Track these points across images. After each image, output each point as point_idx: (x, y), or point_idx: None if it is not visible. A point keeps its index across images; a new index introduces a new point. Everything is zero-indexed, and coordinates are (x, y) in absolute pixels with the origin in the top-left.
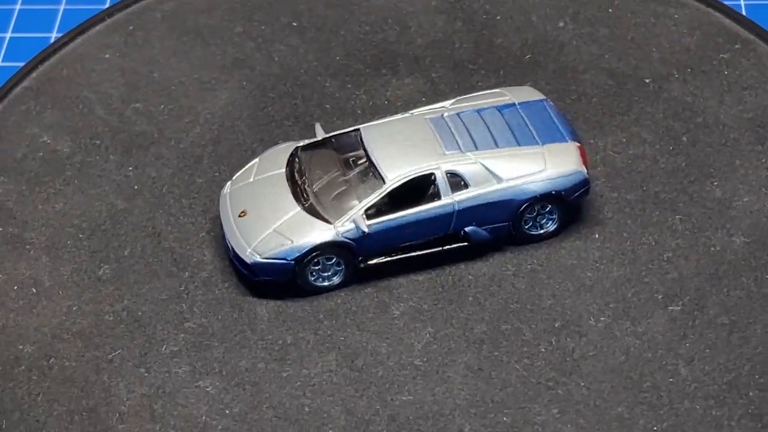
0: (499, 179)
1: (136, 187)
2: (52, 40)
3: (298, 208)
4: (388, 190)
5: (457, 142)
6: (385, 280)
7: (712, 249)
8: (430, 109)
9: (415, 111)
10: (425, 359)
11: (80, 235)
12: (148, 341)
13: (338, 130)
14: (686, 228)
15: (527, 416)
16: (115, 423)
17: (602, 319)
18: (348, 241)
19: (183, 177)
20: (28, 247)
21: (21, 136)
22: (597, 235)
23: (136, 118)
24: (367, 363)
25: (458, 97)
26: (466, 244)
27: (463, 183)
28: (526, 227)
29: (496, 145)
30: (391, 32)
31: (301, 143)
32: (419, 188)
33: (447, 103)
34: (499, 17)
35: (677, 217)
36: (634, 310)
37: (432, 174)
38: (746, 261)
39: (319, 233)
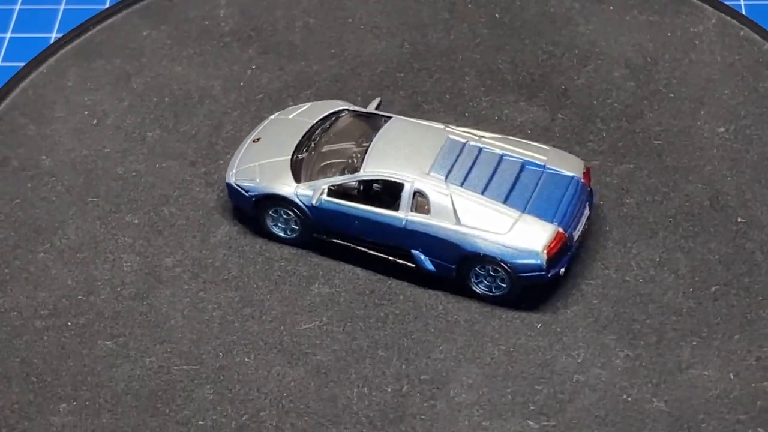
0: (457, 221)
1: None
2: (52, 40)
3: (288, 157)
4: (357, 179)
5: (449, 170)
6: (331, 261)
7: None
8: (470, 132)
9: (455, 127)
10: (294, 338)
11: None
12: None
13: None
14: None
15: None
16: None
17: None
18: (301, 204)
19: None
20: None
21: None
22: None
23: None
24: (249, 315)
25: (507, 137)
26: (411, 265)
27: (426, 207)
28: (474, 280)
29: (482, 192)
30: (558, 61)
31: (352, 107)
32: (387, 192)
33: (489, 135)
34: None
35: None
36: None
37: (403, 185)
38: None
39: (281, 185)
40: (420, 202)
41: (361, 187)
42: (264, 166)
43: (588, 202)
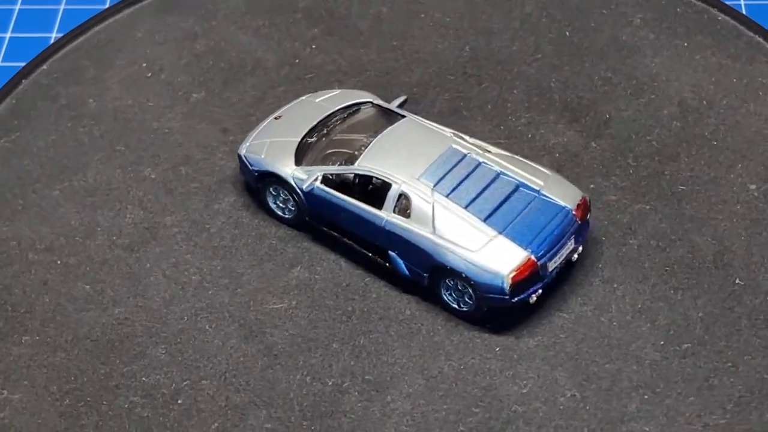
0: (433, 230)
1: None
2: (52, 41)
3: (297, 140)
4: (350, 171)
5: (439, 178)
6: (319, 248)
7: None
8: (478, 145)
9: (467, 137)
10: (258, 316)
11: None
12: None
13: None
14: None
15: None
16: None
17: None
18: (295, 186)
19: None
20: None
21: None
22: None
23: None
24: (225, 285)
25: (514, 156)
26: (387, 265)
27: (408, 211)
28: (444, 292)
29: (466, 206)
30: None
31: (376, 101)
32: (377, 190)
33: (496, 151)
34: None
35: None
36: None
37: (391, 185)
38: None
39: (281, 165)
40: (404, 205)
41: (357, 181)
42: (274, 143)
43: (576, 235)
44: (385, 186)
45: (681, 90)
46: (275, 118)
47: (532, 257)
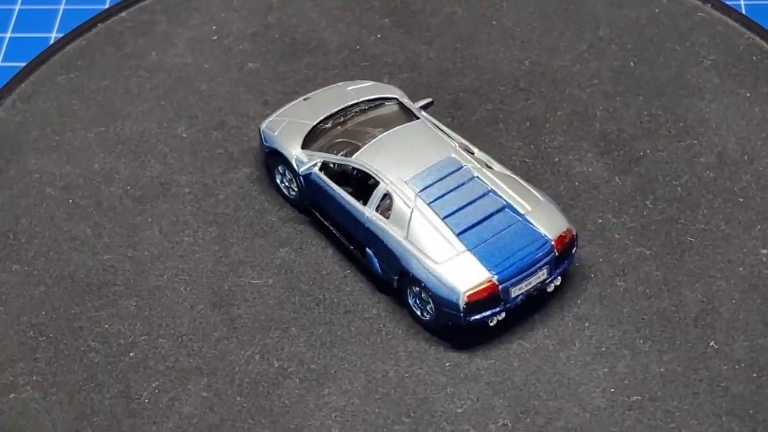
0: (406, 234)
1: None
2: (52, 41)
3: (312, 123)
4: (344, 162)
5: (427, 185)
6: (313, 232)
7: None
8: (481, 159)
9: (475, 149)
10: (233, 287)
11: None
12: None
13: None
14: None
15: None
16: None
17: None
18: (295, 168)
19: None
20: None
21: None
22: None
23: None
24: (212, 252)
25: (513, 176)
26: (363, 260)
27: (389, 212)
28: (410, 298)
29: (444, 217)
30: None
31: (402, 99)
32: (367, 185)
33: (498, 167)
34: None
35: None
36: None
37: (379, 183)
38: None
39: (288, 146)
40: (386, 205)
41: (355, 174)
42: (291, 123)
43: (552, 267)
44: (376, 183)
45: (726, 140)
46: (304, 99)
47: (494, 280)
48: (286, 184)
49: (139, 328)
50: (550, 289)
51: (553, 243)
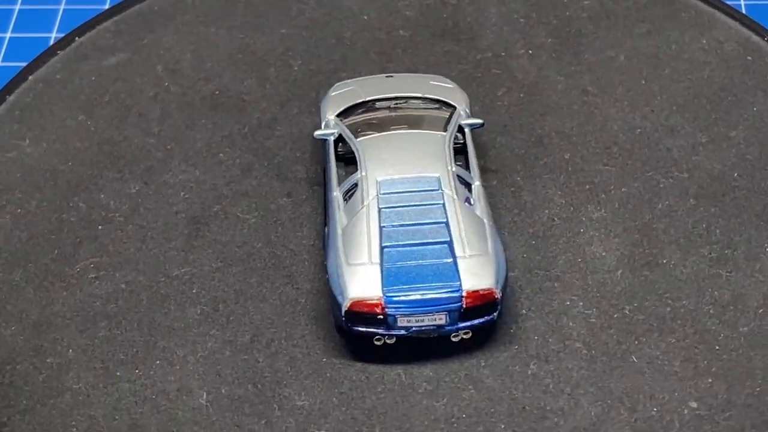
0: (343, 226)
1: None
2: (52, 41)
3: (363, 99)
4: (350, 143)
5: (394, 192)
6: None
7: None
8: (479, 196)
9: (476, 186)
10: (213, 263)
11: None
12: None
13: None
14: None
15: None
16: None
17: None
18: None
19: None
20: None
21: None
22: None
23: None
24: (213, 213)
25: (485, 218)
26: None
27: (349, 199)
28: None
29: (383, 226)
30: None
31: (459, 110)
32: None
33: (482, 205)
34: None
35: None
36: None
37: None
38: None
39: (329, 108)
40: (352, 193)
41: (352, 155)
42: (350, 91)
43: (456, 316)
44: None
45: None
46: (386, 76)
47: (381, 301)
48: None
49: (110, 273)
50: (456, 338)
51: (463, 294)
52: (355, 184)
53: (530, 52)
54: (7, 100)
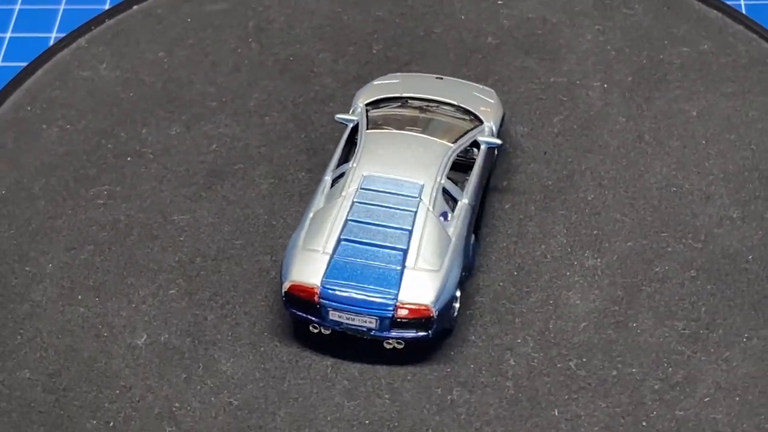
0: (312, 210)
1: None
2: (52, 41)
3: (399, 94)
4: (360, 128)
5: (374, 190)
6: None
7: None
8: (462, 210)
9: (462, 203)
10: (208, 245)
11: None
12: None
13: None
14: None
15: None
16: None
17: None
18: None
19: None
20: None
21: None
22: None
23: None
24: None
25: (455, 240)
26: None
27: (333, 187)
28: None
29: (350, 220)
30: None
31: (485, 126)
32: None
33: (458, 225)
34: None
35: None
36: None
37: (349, 167)
38: None
39: (364, 95)
40: (339, 179)
41: (357, 145)
42: (393, 84)
43: (387, 324)
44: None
45: None
46: (437, 78)
47: (317, 287)
48: None
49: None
50: (388, 346)
51: (396, 304)
52: (342, 174)
53: (605, 86)
54: (105, 23)
